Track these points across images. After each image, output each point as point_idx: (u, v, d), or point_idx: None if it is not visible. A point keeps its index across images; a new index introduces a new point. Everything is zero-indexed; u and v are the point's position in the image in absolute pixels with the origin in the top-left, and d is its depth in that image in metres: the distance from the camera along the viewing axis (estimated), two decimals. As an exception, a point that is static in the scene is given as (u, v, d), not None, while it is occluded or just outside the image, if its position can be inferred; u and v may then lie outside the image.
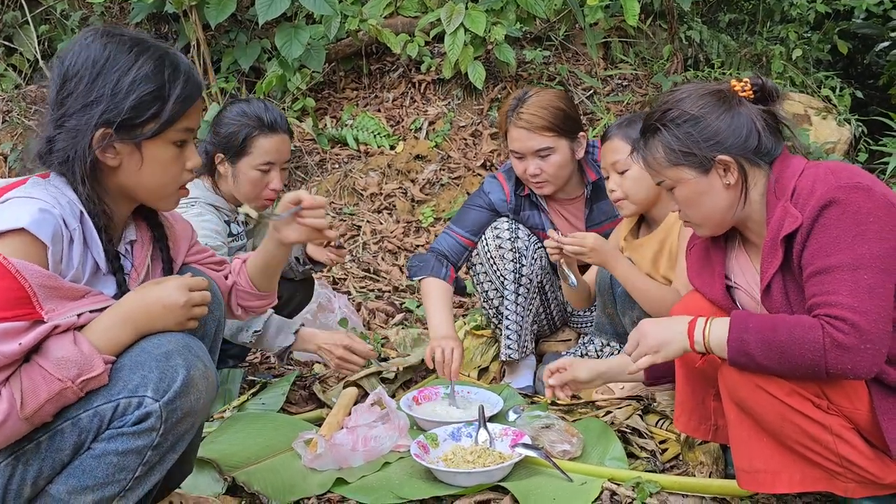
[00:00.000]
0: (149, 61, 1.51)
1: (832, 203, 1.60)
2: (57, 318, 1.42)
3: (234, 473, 2.05)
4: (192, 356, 1.51)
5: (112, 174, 1.55)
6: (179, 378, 1.48)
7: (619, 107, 4.96)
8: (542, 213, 2.78)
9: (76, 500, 1.46)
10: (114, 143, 1.51)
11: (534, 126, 2.57)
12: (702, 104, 1.75)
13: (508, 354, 2.70)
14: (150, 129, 1.52)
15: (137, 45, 1.53)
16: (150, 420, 1.46)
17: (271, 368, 2.99)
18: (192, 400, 1.50)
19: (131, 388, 1.46)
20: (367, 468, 2.15)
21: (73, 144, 1.49)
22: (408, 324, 3.44)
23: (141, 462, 1.48)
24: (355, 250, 4.12)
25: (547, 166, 2.62)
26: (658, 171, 1.82)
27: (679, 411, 2.02)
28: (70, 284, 1.47)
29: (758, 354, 1.61)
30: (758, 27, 5.64)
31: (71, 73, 1.51)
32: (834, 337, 1.54)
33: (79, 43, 1.53)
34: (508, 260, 2.68)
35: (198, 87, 1.58)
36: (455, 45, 4.61)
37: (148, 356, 1.48)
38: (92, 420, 1.46)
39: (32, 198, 1.45)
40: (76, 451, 1.47)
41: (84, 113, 1.49)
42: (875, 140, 4.84)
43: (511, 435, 2.22)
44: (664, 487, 1.97)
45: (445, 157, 4.74)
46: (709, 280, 1.90)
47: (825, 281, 1.59)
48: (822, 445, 1.64)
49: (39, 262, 1.42)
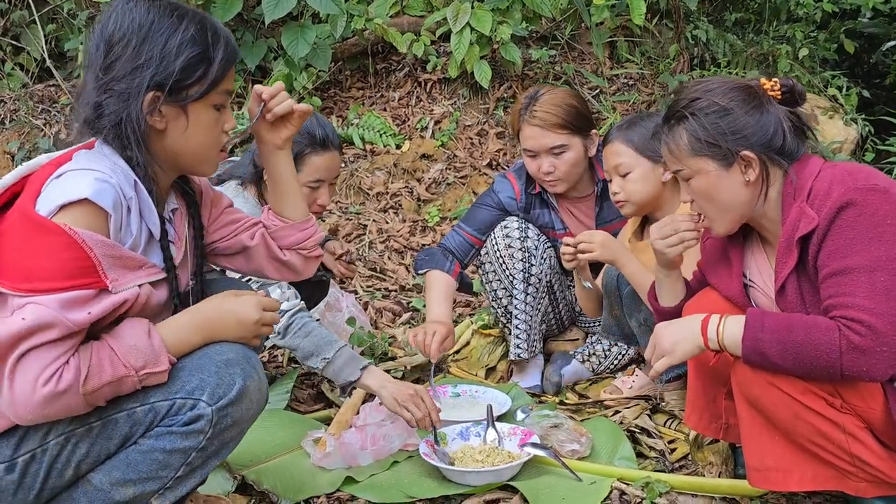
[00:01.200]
0: (192, 24, 1.53)
1: (849, 205, 1.60)
2: (121, 289, 1.45)
3: (244, 472, 2.06)
4: (251, 368, 1.56)
5: (158, 138, 1.56)
6: (236, 387, 1.52)
7: (624, 106, 4.95)
8: (552, 212, 2.78)
9: (117, 491, 1.50)
10: (161, 106, 1.52)
11: (547, 124, 2.57)
12: (732, 97, 1.74)
13: (518, 354, 2.70)
14: (197, 90, 1.54)
15: (178, 9, 1.54)
16: (201, 422, 1.50)
17: (279, 367, 2.99)
18: (243, 409, 1.55)
19: (189, 389, 1.50)
20: (376, 467, 2.15)
21: (125, 107, 1.49)
22: (415, 323, 3.44)
23: (185, 462, 1.52)
24: (361, 249, 4.13)
25: (560, 164, 2.62)
26: (678, 159, 1.80)
27: (690, 409, 2.01)
28: (130, 253, 1.49)
29: (772, 354, 1.60)
30: (764, 26, 5.62)
31: (117, 38, 1.51)
32: (850, 339, 1.54)
33: (120, 7, 1.54)
34: (518, 259, 2.68)
35: (235, 52, 1.61)
36: (461, 45, 4.61)
37: (210, 361, 1.53)
38: (147, 415, 1.50)
39: (88, 169, 1.47)
40: (123, 443, 1.51)
41: (134, 76, 1.49)
42: (882, 140, 4.83)
43: (520, 434, 2.22)
44: (674, 487, 1.97)
45: (451, 156, 4.74)
46: (726, 277, 1.89)
47: (841, 283, 1.59)
48: (835, 444, 1.64)
49: (102, 231, 1.44)
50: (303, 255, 1.85)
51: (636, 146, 2.43)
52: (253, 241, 1.82)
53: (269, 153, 1.81)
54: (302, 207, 1.85)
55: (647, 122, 2.46)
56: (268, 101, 1.74)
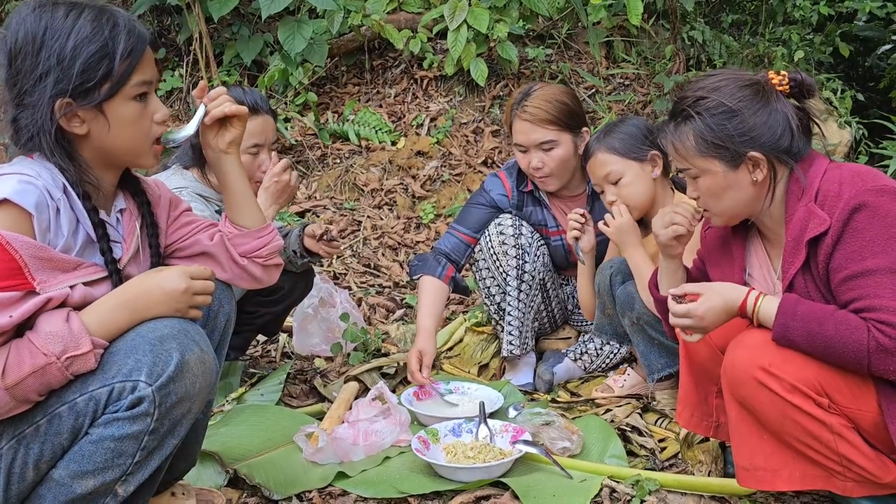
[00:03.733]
0: (86, 22, 1.49)
1: (862, 207, 1.62)
2: (49, 290, 1.42)
3: (236, 466, 2.06)
4: (188, 340, 1.50)
5: (84, 142, 1.54)
6: (173, 362, 1.46)
7: (620, 106, 4.96)
8: (544, 210, 2.79)
9: (78, 484, 1.47)
10: (76, 111, 1.49)
11: (537, 119, 2.60)
12: (740, 97, 1.73)
13: (510, 350, 2.72)
14: (106, 89, 1.50)
15: (72, 9, 1.51)
16: (144, 405, 1.45)
17: (272, 362, 3.00)
18: (186, 384, 1.49)
19: (125, 372, 1.45)
20: (368, 462, 2.16)
21: (35, 120, 1.48)
22: (408, 319, 3.45)
23: (139, 447, 1.48)
24: (356, 246, 4.13)
25: (549, 160, 2.63)
26: (685, 159, 1.79)
27: (681, 407, 2.03)
28: (61, 255, 1.46)
29: (801, 342, 1.63)
30: (760, 28, 5.64)
31: (15, 51, 1.49)
32: (879, 341, 1.57)
33: (14, 20, 1.51)
34: (511, 256, 2.69)
35: (142, 38, 1.55)
36: (458, 42, 4.62)
37: (143, 340, 1.47)
38: (88, 404, 1.46)
39: (12, 173, 1.45)
40: (75, 436, 1.47)
41: (37, 87, 1.48)
42: (875, 143, 4.85)
43: (511, 431, 2.23)
44: (663, 485, 1.98)
45: (447, 153, 4.74)
46: (728, 270, 1.90)
47: (864, 284, 1.60)
48: (823, 444, 1.65)
49: (26, 231, 1.41)
50: (259, 264, 1.80)
51: (620, 151, 2.45)
52: (212, 243, 1.78)
53: (216, 158, 1.77)
54: (257, 215, 1.81)
55: (623, 127, 2.50)
56: (207, 103, 1.72)
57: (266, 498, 1.99)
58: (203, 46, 4.72)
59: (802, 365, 1.64)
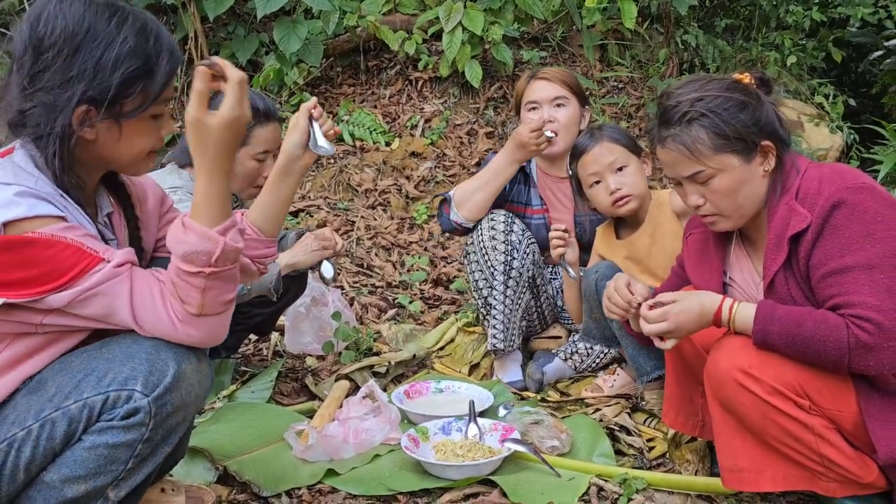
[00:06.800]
0: (132, 33, 1.42)
1: (841, 204, 1.64)
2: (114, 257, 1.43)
3: (226, 462, 2.07)
4: (184, 349, 1.49)
5: (86, 146, 1.48)
6: (170, 373, 1.45)
7: (614, 109, 4.99)
8: (531, 188, 2.91)
9: (69, 488, 1.46)
10: (93, 120, 1.43)
11: (555, 78, 2.86)
12: (739, 90, 1.76)
13: (494, 344, 2.73)
14: (134, 106, 1.44)
15: (118, 13, 1.43)
16: (139, 415, 1.44)
17: (264, 360, 3.01)
18: (182, 394, 1.48)
19: (121, 380, 1.44)
20: (358, 460, 2.17)
21: (51, 121, 1.41)
22: (400, 319, 3.46)
23: (132, 455, 1.48)
24: (349, 245, 4.14)
25: (560, 116, 2.82)
26: (699, 159, 1.75)
27: (667, 406, 2.04)
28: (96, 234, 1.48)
29: (781, 345, 1.65)
30: (753, 33, 5.68)
31: (47, 44, 1.40)
32: (859, 337, 1.58)
33: (53, 6, 1.41)
34: (500, 251, 2.72)
35: (179, 59, 1.50)
36: (453, 44, 4.64)
37: (139, 348, 1.46)
38: (82, 411, 1.45)
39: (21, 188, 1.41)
40: (68, 441, 1.46)
41: (64, 90, 1.40)
42: (866, 148, 4.88)
43: (501, 430, 2.24)
44: (650, 484, 2.00)
45: (441, 154, 4.76)
46: (707, 275, 1.92)
47: (843, 281, 1.62)
48: (805, 445, 1.67)
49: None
50: (252, 269, 1.77)
51: (623, 143, 2.53)
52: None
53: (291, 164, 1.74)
54: (280, 228, 1.81)
55: (612, 128, 2.62)
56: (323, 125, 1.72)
57: (255, 495, 2.00)
58: (199, 46, 4.72)
59: (782, 367, 1.66)
